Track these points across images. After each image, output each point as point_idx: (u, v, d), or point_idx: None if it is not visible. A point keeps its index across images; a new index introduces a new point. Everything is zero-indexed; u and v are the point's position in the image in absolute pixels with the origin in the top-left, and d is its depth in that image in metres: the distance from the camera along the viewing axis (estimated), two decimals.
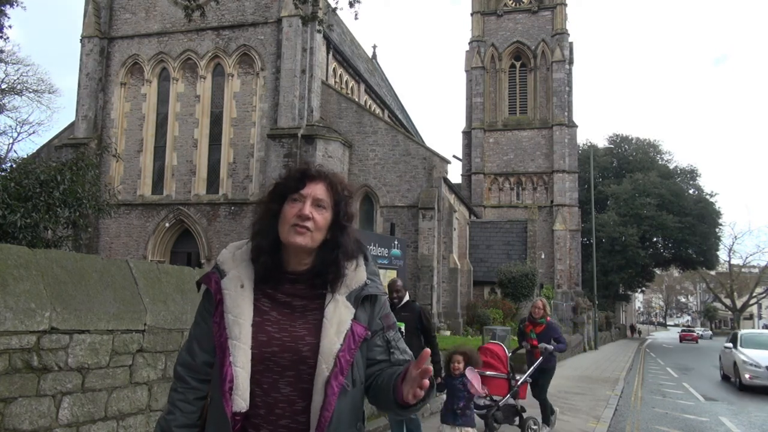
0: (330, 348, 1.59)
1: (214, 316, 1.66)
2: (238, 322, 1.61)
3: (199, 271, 4.69)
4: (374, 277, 1.76)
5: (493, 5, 40.19)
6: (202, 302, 1.77)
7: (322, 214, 1.65)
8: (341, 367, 1.58)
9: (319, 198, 1.65)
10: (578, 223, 38.27)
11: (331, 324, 1.62)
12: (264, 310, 1.65)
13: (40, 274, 3.30)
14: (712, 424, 9.55)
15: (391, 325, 1.76)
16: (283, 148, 20.69)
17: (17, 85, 31.22)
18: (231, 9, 22.32)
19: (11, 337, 3.05)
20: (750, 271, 58.98)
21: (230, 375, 1.57)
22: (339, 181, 1.72)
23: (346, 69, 26.70)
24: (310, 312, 1.66)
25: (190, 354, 1.73)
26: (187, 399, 1.70)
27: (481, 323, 20.76)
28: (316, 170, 1.71)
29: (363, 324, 1.67)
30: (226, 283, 1.67)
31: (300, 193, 1.65)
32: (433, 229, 20.92)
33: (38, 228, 7.99)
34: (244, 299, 1.64)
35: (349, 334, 1.62)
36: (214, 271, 1.73)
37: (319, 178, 1.69)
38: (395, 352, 1.73)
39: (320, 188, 1.67)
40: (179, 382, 1.73)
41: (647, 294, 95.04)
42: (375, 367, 1.71)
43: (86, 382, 3.47)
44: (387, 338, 1.74)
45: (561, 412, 9.21)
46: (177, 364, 1.75)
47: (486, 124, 39.43)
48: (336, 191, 1.70)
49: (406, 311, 5.81)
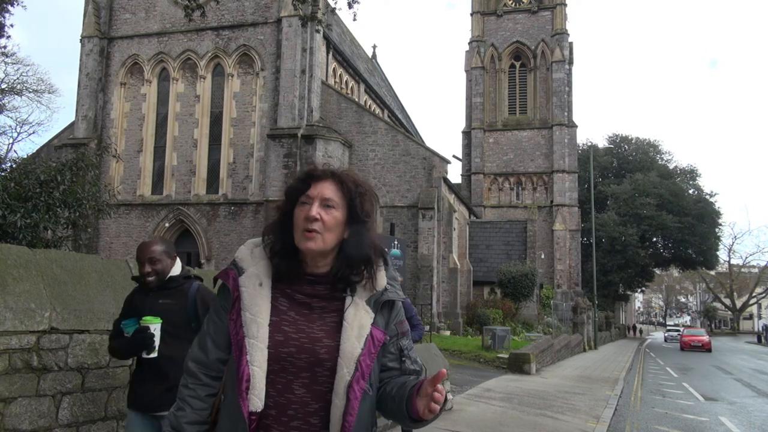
0: (351, 352, 1.57)
1: (231, 313, 1.64)
2: (256, 321, 1.58)
3: (199, 271, 4.69)
4: (394, 282, 1.73)
5: (493, 5, 40.19)
6: (217, 299, 1.74)
7: (331, 214, 1.60)
8: (362, 371, 1.57)
9: (327, 197, 1.60)
10: (578, 223, 38.27)
11: (352, 328, 1.59)
12: (282, 310, 1.62)
13: (40, 274, 3.31)
14: (711, 424, 9.55)
15: (404, 333, 1.73)
16: (283, 148, 20.69)
17: (17, 85, 31.24)
18: (231, 9, 22.32)
19: (11, 337, 3.06)
20: (750, 271, 59.04)
21: (247, 374, 1.55)
22: (350, 178, 1.66)
23: (346, 69, 26.70)
24: (328, 314, 1.63)
25: (203, 350, 1.70)
26: (198, 395, 1.68)
27: (481, 323, 20.78)
28: (322, 169, 1.67)
29: (382, 329, 1.64)
30: (244, 281, 1.64)
31: (307, 195, 1.61)
32: (432, 229, 20.92)
33: (38, 228, 7.98)
34: (262, 297, 1.61)
35: (369, 339, 1.60)
36: (232, 267, 1.69)
37: (326, 177, 1.64)
38: (407, 361, 1.70)
39: (328, 187, 1.62)
40: (191, 378, 1.70)
41: (647, 294, 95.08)
42: (385, 374, 1.69)
43: (86, 382, 3.47)
44: (400, 346, 1.71)
45: (561, 412, 9.22)
46: (189, 360, 1.72)
47: (486, 124, 39.43)
48: (347, 188, 1.64)
49: (171, 297, 3.13)
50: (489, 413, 8.58)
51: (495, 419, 8.16)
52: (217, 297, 1.75)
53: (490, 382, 12.05)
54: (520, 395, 10.65)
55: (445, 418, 7.71)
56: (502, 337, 17.07)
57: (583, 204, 38.98)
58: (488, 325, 19.77)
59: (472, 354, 16.10)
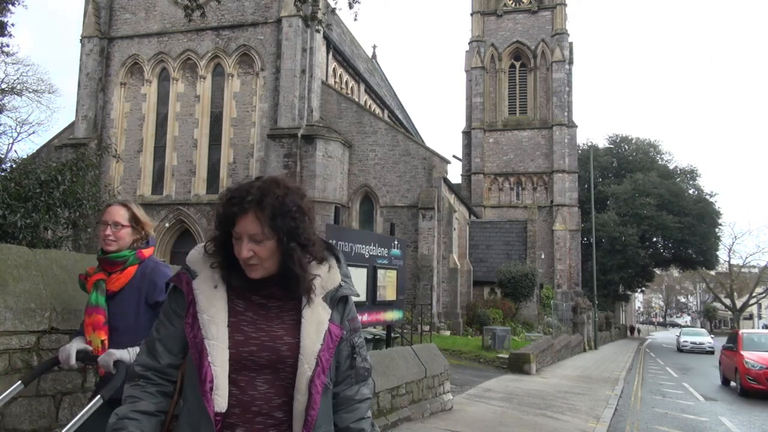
0: (311, 348, 1.60)
1: (186, 317, 1.63)
2: (214, 322, 1.59)
3: None
4: (347, 279, 1.77)
5: (493, 5, 40.20)
6: (168, 302, 1.72)
7: (263, 246, 1.58)
8: (323, 366, 1.61)
9: (252, 233, 1.58)
10: (578, 223, 38.27)
11: (310, 324, 1.63)
12: (239, 311, 1.64)
13: (40, 274, 3.31)
14: (711, 424, 9.55)
15: (356, 329, 1.78)
16: (283, 148, 20.70)
17: (17, 85, 31.24)
18: (231, 9, 22.32)
19: (11, 337, 3.06)
20: (750, 271, 58.94)
21: (210, 375, 1.55)
22: (270, 201, 1.59)
23: (346, 69, 26.70)
24: (285, 312, 1.66)
25: (152, 356, 1.67)
26: (150, 392, 1.65)
27: (481, 323, 20.78)
28: (239, 201, 1.59)
29: (338, 324, 1.69)
30: (199, 284, 1.64)
31: (236, 231, 1.60)
32: (432, 229, 20.92)
33: (38, 228, 7.97)
34: (218, 299, 1.62)
35: (328, 334, 1.64)
36: (184, 271, 1.69)
37: (245, 212, 1.58)
38: (357, 358, 1.75)
39: (249, 222, 1.58)
40: (141, 379, 1.66)
41: (647, 294, 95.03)
42: (337, 371, 1.73)
43: (86, 382, 3.47)
44: (352, 343, 1.75)
45: (561, 412, 9.22)
46: (136, 365, 1.69)
47: (486, 124, 39.43)
48: (269, 213, 1.58)
49: None
50: (489, 413, 8.58)
51: (495, 419, 8.16)
52: (167, 301, 1.73)
53: (490, 382, 12.05)
54: (520, 395, 10.64)
55: (445, 418, 7.71)
56: (502, 337, 17.07)
57: (583, 204, 38.98)
58: (488, 325, 19.77)
59: (472, 354, 16.10)
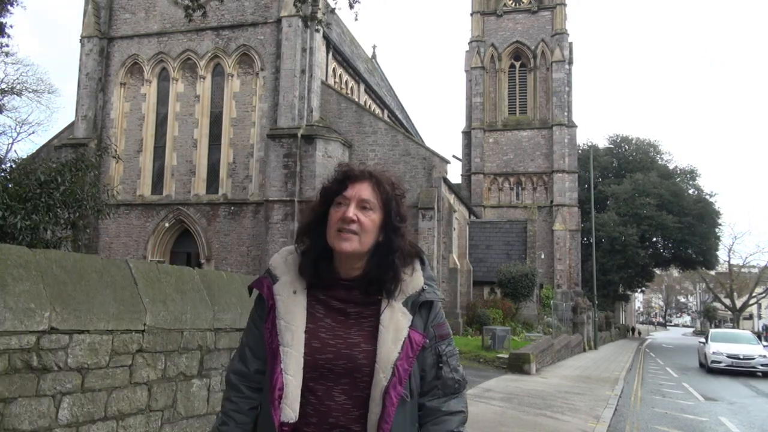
0: (387, 356, 1.53)
1: (266, 322, 1.62)
2: (290, 329, 1.56)
3: (199, 271, 4.68)
4: (431, 282, 1.67)
5: (492, 5, 40.19)
6: (254, 308, 1.71)
7: (368, 216, 1.56)
8: (399, 376, 1.52)
9: (365, 199, 1.57)
10: (578, 223, 38.26)
11: (387, 331, 1.55)
12: (318, 317, 1.59)
13: (39, 274, 3.31)
14: (711, 424, 9.55)
15: (443, 335, 1.66)
16: (283, 148, 20.69)
17: (17, 85, 31.25)
18: (231, 9, 22.31)
19: (11, 337, 3.06)
20: (750, 271, 58.93)
21: (280, 383, 1.52)
22: (387, 180, 1.62)
23: (346, 69, 26.69)
24: (365, 319, 1.60)
25: (243, 362, 1.67)
26: (240, 409, 1.65)
27: (481, 323, 20.77)
28: (360, 170, 1.62)
29: (421, 332, 1.59)
30: (279, 288, 1.62)
31: (344, 196, 1.58)
32: (432, 229, 20.92)
33: (38, 230, 7.96)
34: (296, 305, 1.59)
35: (407, 342, 1.55)
36: (266, 275, 1.67)
37: (364, 178, 1.60)
38: (444, 367, 1.63)
39: (365, 188, 1.58)
40: (233, 390, 1.66)
41: (647, 294, 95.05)
42: (422, 381, 1.63)
43: (86, 382, 3.47)
44: (438, 351, 1.64)
45: (561, 412, 9.22)
46: (230, 372, 1.69)
47: (486, 124, 39.43)
48: (384, 190, 1.60)
49: None
50: (489, 413, 8.58)
51: (495, 419, 8.16)
52: (253, 307, 1.73)
53: (490, 382, 12.05)
54: (520, 395, 10.65)
55: None
56: (502, 337, 17.06)
57: (583, 204, 38.97)
58: (488, 325, 19.76)
59: (472, 354, 16.09)
